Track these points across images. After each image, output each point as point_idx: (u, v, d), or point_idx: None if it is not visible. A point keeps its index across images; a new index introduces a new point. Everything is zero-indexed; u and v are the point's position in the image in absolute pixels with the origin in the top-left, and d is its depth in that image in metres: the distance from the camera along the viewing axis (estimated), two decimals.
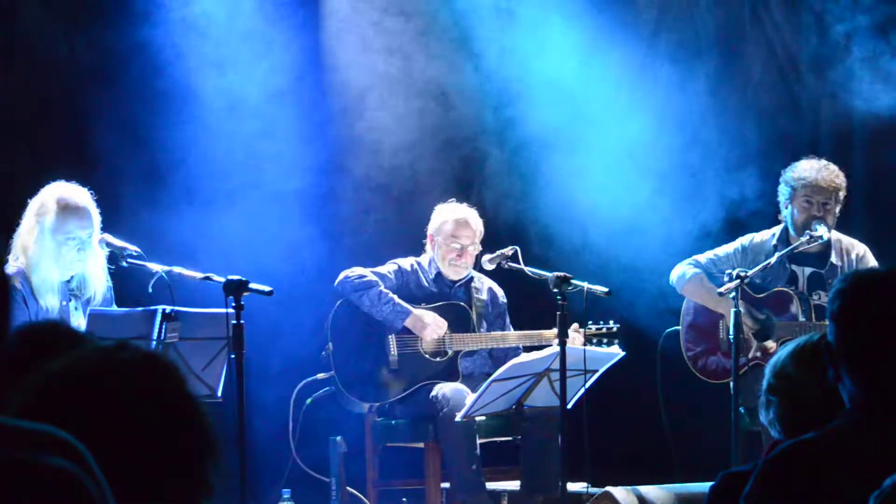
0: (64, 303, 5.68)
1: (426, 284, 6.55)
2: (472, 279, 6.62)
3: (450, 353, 6.46)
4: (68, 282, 5.73)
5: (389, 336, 6.42)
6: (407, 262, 6.60)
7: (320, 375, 6.48)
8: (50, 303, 5.64)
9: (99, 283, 5.75)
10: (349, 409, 6.48)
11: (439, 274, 6.57)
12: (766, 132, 7.73)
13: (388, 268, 6.55)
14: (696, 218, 7.42)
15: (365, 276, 6.41)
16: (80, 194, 5.70)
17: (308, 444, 6.61)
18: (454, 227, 6.51)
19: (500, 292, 6.73)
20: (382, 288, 6.40)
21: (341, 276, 6.42)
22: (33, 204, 5.71)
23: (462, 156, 7.70)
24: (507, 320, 6.71)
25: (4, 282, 1.63)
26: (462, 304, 6.53)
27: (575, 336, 6.24)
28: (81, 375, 1.70)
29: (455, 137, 7.67)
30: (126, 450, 1.67)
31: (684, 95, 7.65)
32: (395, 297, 6.40)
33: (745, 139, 7.72)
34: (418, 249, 6.68)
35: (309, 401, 6.51)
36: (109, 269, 5.79)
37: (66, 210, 5.64)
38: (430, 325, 6.40)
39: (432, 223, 6.59)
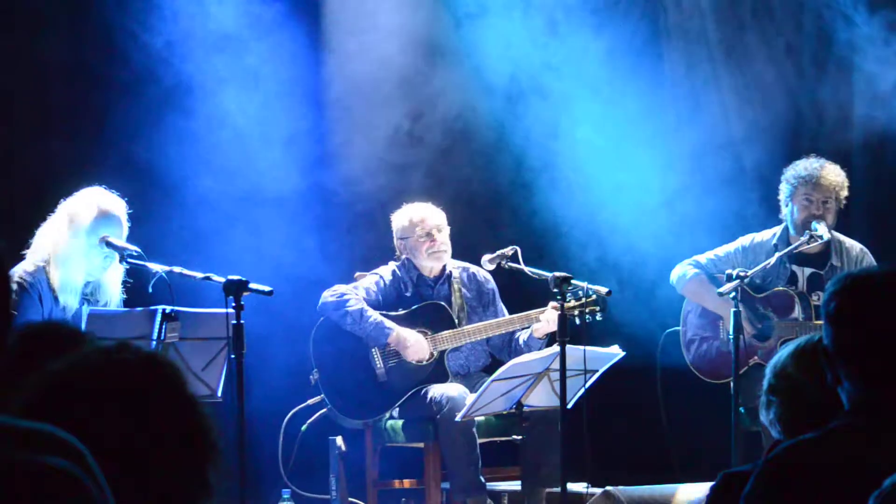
0: (77, 306, 5.70)
1: (408, 289, 6.54)
2: (451, 274, 6.60)
3: (435, 354, 6.45)
4: (84, 286, 5.74)
5: (373, 349, 6.41)
6: (388, 270, 6.58)
7: (311, 401, 6.48)
8: (69, 302, 5.66)
9: (114, 293, 5.80)
10: (346, 427, 6.46)
11: (420, 276, 6.56)
12: (769, 141, 7.71)
13: (371, 280, 6.53)
14: (701, 222, 7.41)
15: (346, 295, 6.38)
16: (119, 204, 5.77)
17: (307, 448, 6.60)
18: (415, 219, 6.52)
19: (484, 277, 6.67)
20: (364, 306, 6.38)
21: (323, 297, 6.39)
22: (69, 204, 5.75)
23: (469, 160, 7.71)
24: (500, 305, 6.69)
25: (3, 281, 1.63)
26: (441, 302, 6.52)
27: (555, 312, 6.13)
28: (82, 376, 1.70)
29: (463, 144, 7.68)
30: (126, 450, 1.67)
31: (690, 107, 7.66)
32: (377, 314, 6.38)
33: (748, 148, 7.71)
34: None
35: (304, 428, 6.51)
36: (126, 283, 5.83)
37: (105, 216, 5.70)
38: (412, 347, 6.38)
39: (395, 229, 6.60)
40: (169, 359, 1.81)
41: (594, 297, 6.23)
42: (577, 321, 6.20)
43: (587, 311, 6.24)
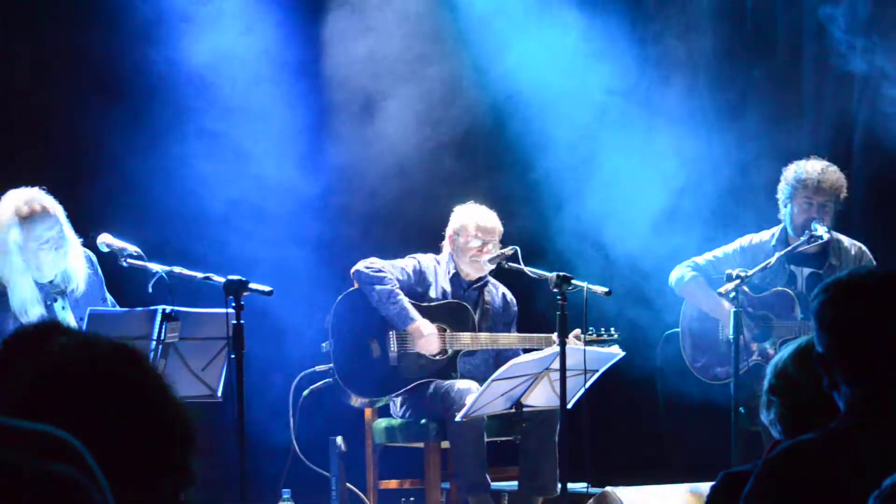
0: (48, 303, 5.62)
1: (441, 283, 6.55)
2: (486, 283, 6.62)
3: (450, 351, 6.46)
4: (50, 282, 5.64)
5: (390, 332, 6.42)
6: (427, 259, 6.60)
7: (319, 367, 6.46)
8: (35, 312, 5.50)
9: (80, 273, 5.67)
10: (346, 403, 6.46)
11: (457, 274, 6.57)
12: (771, 143, 7.71)
13: (406, 263, 6.54)
14: (701, 224, 7.41)
15: (382, 271, 6.39)
16: (35, 197, 5.55)
17: (309, 442, 6.61)
18: (478, 225, 6.52)
19: (512, 300, 6.73)
20: (395, 288, 6.39)
21: (359, 265, 6.39)
22: None
23: (470, 163, 7.71)
24: (514, 329, 6.71)
25: None
26: (465, 303, 6.53)
27: (576, 344, 6.17)
28: (54, 371, 1.71)
29: (466, 146, 7.69)
30: (103, 440, 1.66)
31: (694, 114, 7.67)
32: (406, 299, 6.39)
33: (749, 152, 7.72)
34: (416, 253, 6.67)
35: (306, 393, 6.48)
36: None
37: (29, 218, 5.50)
38: (424, 340, 6.37)
39: (453, 223, 6.60)
40: (138, 349, 1.81)
41: (617, 335, 6.37)
42: None
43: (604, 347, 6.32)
